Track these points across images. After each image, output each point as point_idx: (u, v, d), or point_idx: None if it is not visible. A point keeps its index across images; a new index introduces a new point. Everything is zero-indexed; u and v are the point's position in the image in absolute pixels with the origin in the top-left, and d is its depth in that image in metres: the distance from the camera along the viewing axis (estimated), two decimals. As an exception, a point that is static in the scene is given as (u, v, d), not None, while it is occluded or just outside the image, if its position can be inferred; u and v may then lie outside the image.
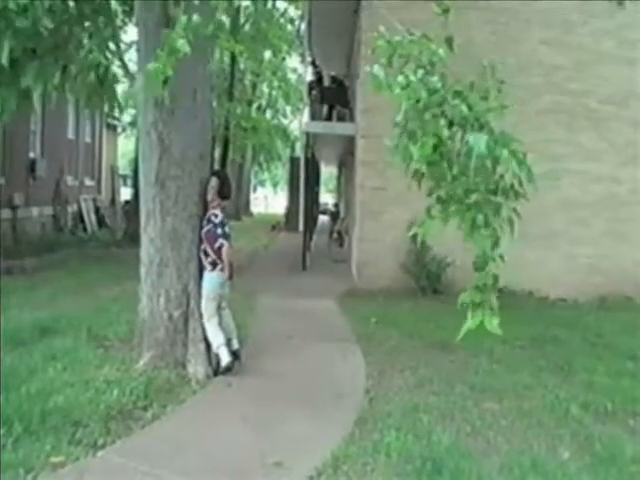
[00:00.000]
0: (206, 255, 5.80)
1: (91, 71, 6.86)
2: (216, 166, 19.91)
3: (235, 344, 6.00)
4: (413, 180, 3.81)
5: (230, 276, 5.90)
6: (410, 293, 10.37)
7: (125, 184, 27.64)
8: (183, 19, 4.26)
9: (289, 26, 26.22)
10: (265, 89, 31.16)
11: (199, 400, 5.18)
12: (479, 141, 3.36)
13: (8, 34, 5.95)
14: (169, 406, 4.91)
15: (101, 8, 7.02)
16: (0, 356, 5.50)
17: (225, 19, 20.68)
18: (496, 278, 3.55)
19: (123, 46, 10.38)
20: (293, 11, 25.09)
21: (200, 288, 5.81)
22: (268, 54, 26.64)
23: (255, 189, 53.36)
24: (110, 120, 24.17)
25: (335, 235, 18.34)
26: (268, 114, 31.83)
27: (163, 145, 5.74)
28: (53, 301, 8.35)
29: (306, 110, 16.54)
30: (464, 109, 3.53)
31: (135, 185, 16.15)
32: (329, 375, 6.07)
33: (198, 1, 5.35)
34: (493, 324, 3.49)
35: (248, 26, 23.23)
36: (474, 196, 3.56)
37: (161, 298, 5.79)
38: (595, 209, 11.10)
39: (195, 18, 4.28)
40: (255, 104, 29.70)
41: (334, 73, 15.47)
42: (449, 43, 3.84)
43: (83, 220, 19.97)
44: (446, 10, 4.56)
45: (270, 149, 30.45)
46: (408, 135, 3.62)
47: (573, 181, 11.02)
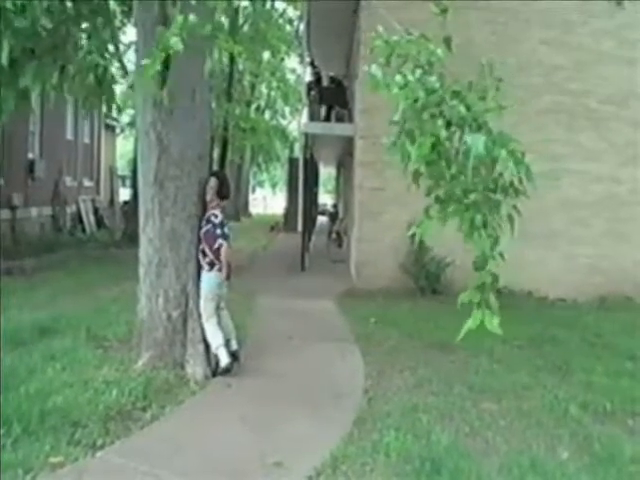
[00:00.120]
0: (204, 255, 5.79)
1: (90, 72, 6.85)
2: (215, 167, 19.88)
3: (234, 345, 5.99)
4: (412, 180, 3.81)
5: (228, 276, 5.90)
6: (409, 293, 10.37)
7: (124, 185, 27.65)
8: (179, 18, 4.26)
9: (288, 27, 26.21)
10: (264, 90, 31.16)
11: (198, 401, 5.17)
12: (477, 141, 3.36)
13: (7, 34, 5.95)
14: (168, 407, 4.90)
15: (99, 8, 7.02)
16: (0, 356, 5.50)
17: (224, 20, 20.74)
18: (495, 277, 3.54)
19: (122, 47, 10.40)
20: (292, 12, 25.11)
21: (199, 288, 5.80)
22: (267, 55, 26.64)
23: (254, 190, 53.34)
24: (109, 121, 24.17)
25: (334, 235, 18.35)
26: (267, 115, 31.83)
27: (162, 145, 5.73)
28: (52, 301, 8.35)
29: (305, 111, 16.54)
30: (462, 109, 3.53)
31: (134, 185, 16.16)
32: (328, 375, 6.07)
33: (195, 1, 5.34)
34: (493, 324, 3.49)
35: (247, 27, 23.22)
36: (472, 196, 3.55)
37: (160, 298, 5.78)
38: (595, 209, 11.11)
39: (192, 18, 4.28)
40: (254, 105, 29.69)
41: (333, 73, 15.47)
42: (447, 43, 3.84)
43: (82, 221, 19.96)
44: (444, 10, 4.56)
45: (269, 150, 30.44)
46: (406, 134, 3.62)
47: (573, 181, 11.03)
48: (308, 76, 16.60)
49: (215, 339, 5.71)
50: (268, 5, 23.93)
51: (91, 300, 8.62)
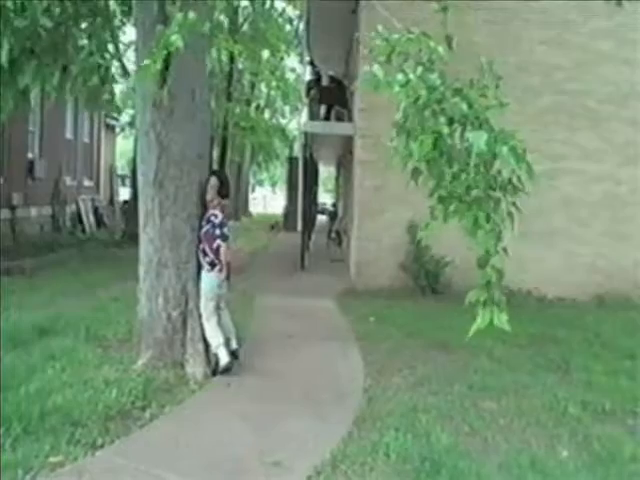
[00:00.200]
0: (205, 255, 5.79)
1: (93, 73, 6.85)
2: (215, 166, 19.89)
3: (234, 344, 6.00)
4: (411, 177, 3.81)
5: (227, 276, 5.90)
6: (409, 292, 10.37)
7: (124, 184, 27.61)
8: (179, 16, 4.25)
9: (287, 26, 26.20)
10: (263, 89, 31.12)
11: (198, 400, 5.17)
12: (479, 138, 3.36)
13: (6, 33, 5.95)
14: (168, 406, 4.90)
15: (99, 8, 7.02)
16: (0, 356, 5.50)
17: (223, 19, 20.75)
18: (501, 273, 3.55)
19: (121, 46, 10.38)
20: (291, 11, 25.11)
21: (199, 288, 5.80)
22: (266, 54, 26.61)
23: (254, 189, 53.31)
24: (108, 120, 24.15)
25: (334, 235, 18.36)
26: (266, 114, 31.81)
27: (162, 145, 5.72)
28: (52, 301, 8.33)
29: (304, 110, 16.53)
30: (464, 106, 3.53)
31: (134, 185, 16.15)
32: (328, 374, 6.07)
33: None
34: (502, 320, 3.50)
35: (246, 26, 23.22)
36: (474, 192, 3.56)
37: (160, 298, 5.78)
38: (595, 209, 11.10)
39: (191, 16, 4.27)
40: (254, 104, 29.66)
41: (332, 73, 15.46)
42: (448, 41, 3.84)
43: (82, 220, 19.94)
44: (445, 8, 4.56)
45: (269, 149, 30.41)
46: (407, 133, 3.62)
47: (573, 181, 11.03)
48: (308, 75, 16.60)
49: (215, 338, 5.71)
50: (268, 4, 23.92)
51: (91, 300, 8.62)
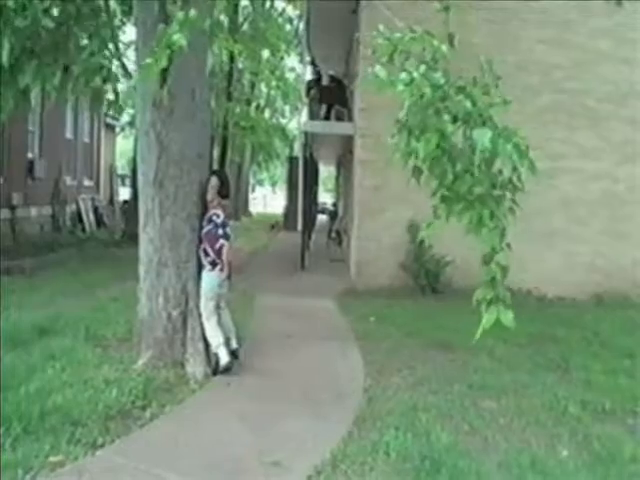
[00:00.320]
0: (206, 255, 5.79)
1: (95, 74, 6.85)
2: (215, 166, 19.88)
3: (234, 344, 6.00)
4: (413, 177, 3.81)
5: (228, 276, 5.90)
6: (409, 292, 10.37)
7: (124, 184, 27.61)
8: (180, 14, 4.25)
9: (287, 25, 26.19)
10: (263, 88, 31.10)
11: (198, 399, 5.17)
12: (483, 136, 3.36)
13: (7, 33, 5.94)
14: (168, 406, 4.91)
15: (99, 8, 7.02)
16: (0, 356, 5.50)
17: (223, 18, 20.74)
18: (505, 270, 3.55)
19: (121, 46, 10.37)
20: (291, 11, 25.10)
21: (199, 288, 5.80)
22: (266, 53, 26.59)
23: (254, 189, 53.30)
24: (108, 120, 24.13)
25: (334, 234, 18.36)
26: (267, 113, 31.79)
27: (162, 145, 5.73)
28: (52, 301, 8.33)
29: (304, 109, 16.53)
30: (468, 104, 3.53)
31: (134, 185, 16.14)
32: (328, 374, 6.07)
33: None
34: (508, 318, 3.51)
35: (246, 25, 23.20)
36: (477, 190, 3.56)
37: (160, 297, 5.79)
38: (593, 207, 11.11)
39: (192, 13, 4.27)
40: (254, 103, 29.64)
41: (333, 72, 15.46)
42: (450, 40, 3.84)
43: (82, 220, 19.94)
44: (447, 8, 4.56)
45: (269, 148, 30.39)
46: (409, 132, 3.62)
47: (571, 179, 11.04)
48: (308, 75, 16.60)
49: (215, 338, 5.72)
50: (268, 4, 23.91)
51: (90, 299, 8.61)
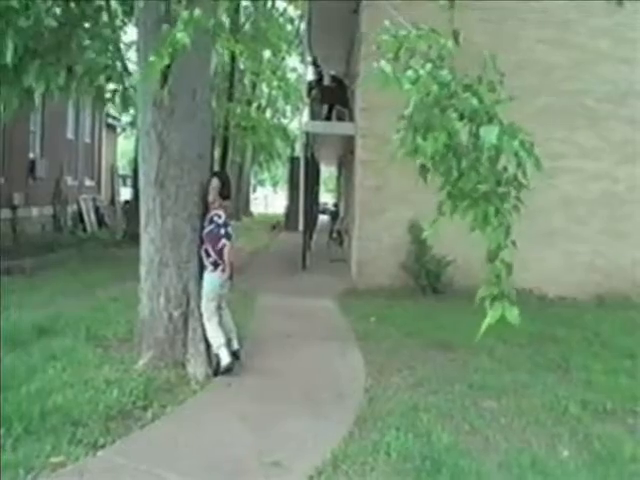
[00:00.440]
0: (208, 255, 5.79)
1: (100, 73, 6.87)
2: (216, 166, 19.89)
3: (235, 344, 6.00)
4: (420, 176, 3.81)
5: (230, 276, 5.90)
6: (410, 292, 10.37)
7: (125, 184, 27.63)
8: (184, 14, 4.25)
9: (289, 26, 26.20)
10: (265, 89, 31.11)
11: (199, 400, 5.18)
12: (490, 133, 3.36)
13: (10, 33, 5.95)
14: (169, 406, 4.91)
15: (101, 8, 7.04)
16: (0, 356, 5.51)
17: (225, 18, 20.75)
18: (510, 267, 3.55)
19: (123, 46, 10.40)
20: (292, 11, 25.12)
21: (200, 288, 5.81)
22: (268, 53, 26.61)
23: (255, 189, 53.31)
24: (110, 120, 24.16)
25: (335, 234, 18.36)
26: (268, 114, 31.78)
27: (162, 145, 5.73)
28: (52, 301, 8.34)
29: (306, 110, 16.54)
30: (475, 102, 3.53)
31: (135, 185, 16.15)
32: (329, 374, 6.07)
33: None
34: (513, 314, 3.51)
35: (248, 25, 23.21)
36: (482, 187, 3.56)
37: (161, 298, 5.79)
38: (593, 207, 11.10)
39: (197, 12, 4.28)
40: (255, 104, 29.64)
41: (334, 72, 15.46)
42: (455, 38, 3.84)
43: (83, 220, 19.97)
44: (451, 5, 4.57)
45: (270, 149, 30.39)
46: (414, 130, 3.61)
47: (571, 179, 11.02)
48: (309, 75, 16.60)
49: (216, 339, 5.72)
50: (269, 4, 23.93)
51: (90, 300, 8.61)
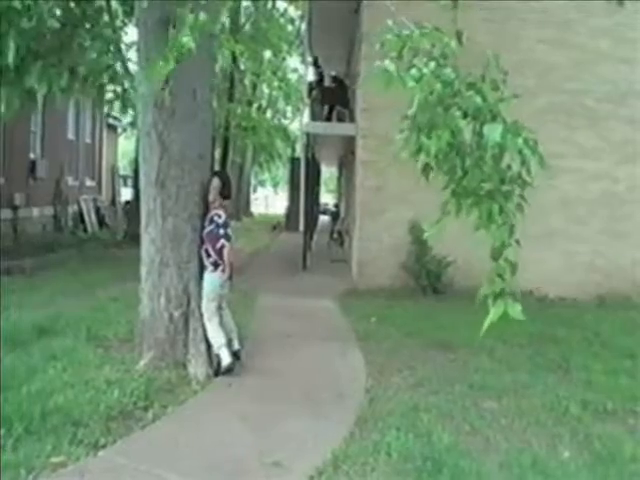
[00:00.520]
0: (208, 255, 5.80)
1: (102, 74, 6.87)
2: (216, 166, 19.90)
3: (236, 344, 6.00)
4: (422, 174, 3.81)
5: (230, 276, 5.90)
6: (410, 292, 10.37)
7: (125, 184, 27.65)
8: (190, 17, 4.25)
9: (289, 26, 26.20)
10: (265, 89, 31.11)
11: (200, 400, 5.18)
12: (494, 131, 3.36)
13: (12, 34, 5.96)
14: (170, 406, 4.91)
15: (101, 9, 7.05)
16: (0, 356, 5.51)
17: (225, 19, 20.75)
18: (514, 265, 3.55)
19: (123, 47, 10.40)
20: (293, 11, 25.13)
21: (201, 288, 5.81)
22: (268, 54, 26.62)
23: (255, 189, 53.31)
24: (110, 121, 24.16)
25: (335, 235, 18.37)
26: (268, 114, 31.79)
27: (163, 145, 5.74)
28: (52, 301, 8.33)
29: (306, 110, 16.53)
30: (478, 100, 3.53)
31: (135, 185, 16.16)
32: (329, 374, 6.07)
33: (205, 0, 5.34)
34: (516, 311, 3.51)
35: (248, 26, 23.22)
36: (487, 185, 3.57)
37: (162, 298, 5.79)
38: (593, 207, 11.10)
39: (202, 16, 4.28)
40: (255, 104, 29.64)
41: (335, 73, 15.46)
42: (459, 37, 3.84)
43: (83, 220, 19.97)
44: (455, 4, 4.57)
45: (270, 149, 30.40)
46: (418, 129, 3.62)
47: (571, 179, 11.01)
48: (310, 75, 16.60)
49: (217, 339, 5.72)
50: (269, 5, 23.93)
51: (90, 300, 8.61)
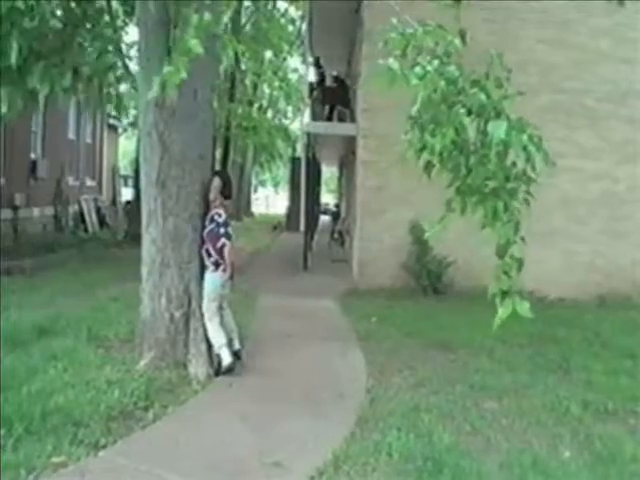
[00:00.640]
0: (209, 255, 5.80)
1: (106, 73, 6.87)
2: (217, 166, 19.90)
3: (236, 344, 6.00)
4: (424, 172, 3.81)
5: (231, 276, 5.90)
6: (411, 292, 10.37)
7: (126, 184, 27.67)
8: (194, 18, 4.25)
9: (290, 26, 26.21)
10: (266, 89, 31.10)
11: (200, 400, 5.18)
12: (499, 128, 3.37)
13: (15, 34, 5.96)
14: (170, 406, 4.91)
15: (101, 9, 7.05)
16: (0, 356, 5.51)
17: (226, 19, 20.76)
18: (520, 262, 3.55)
19: (124, 47, 10.41)
20: (293, 11, 25.13)
21: (201, 288, 5.81)
22: (269, 54, 26.62)
23: (256, 189, 53.30)
24: (111, 120, 24.17)
25: (336, 235, 18.36)
26: (269, 114, 31.78)
27: (164, 145, 5.74)
28: (52, 301, 8.33)
29: (307, 110, 16.54)
30: (482, 97, 3.53)
31: (136, 185, 16.16)
32: (330, 374, 6.07)
33: (209, 1, 5.34)
34: (525, 308, 3.51)
35: (249, 26, 23.22)
36: (492, 183, 3.57)
37: (162, 298, 5.79)
38: (593, 207, 11.09)
39: (207, 17, 4.28)
40: (256, 104, 29.63)
41: (336, 73, 15.46)
42: (462, 36, 3.84)
43: (84, 220, 19.97)
44: (458, 2, 4.57)
45: (271, 149, 30.39)
46: (422, 127, 3.62)
47: (571, 179, 10.99)
48: (311, 76, 16.60)
49: (217, 339, 5.72)
50: (270, 5, 23.92)
51: (90, 300, 8.60)
